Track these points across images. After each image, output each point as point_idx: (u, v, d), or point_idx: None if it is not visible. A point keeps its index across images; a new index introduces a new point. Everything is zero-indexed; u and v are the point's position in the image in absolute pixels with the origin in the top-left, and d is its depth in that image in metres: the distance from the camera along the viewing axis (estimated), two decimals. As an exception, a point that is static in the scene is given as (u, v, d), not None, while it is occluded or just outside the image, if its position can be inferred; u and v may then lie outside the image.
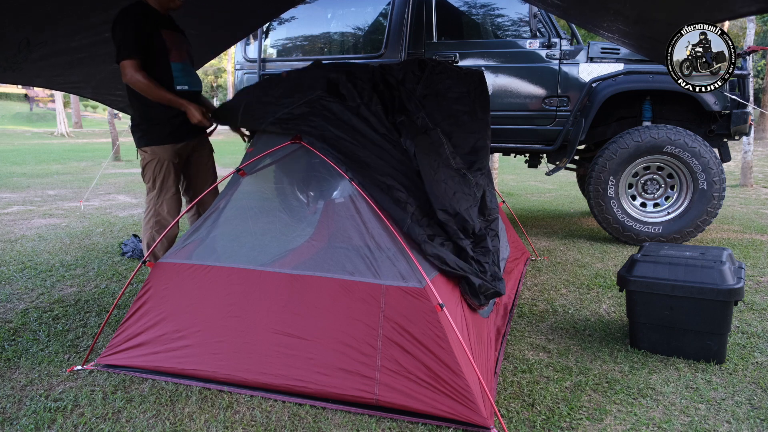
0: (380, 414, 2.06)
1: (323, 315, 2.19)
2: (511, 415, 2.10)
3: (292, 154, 2.56)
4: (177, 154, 3.11)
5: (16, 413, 2.10)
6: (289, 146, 2.52)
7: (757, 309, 3.23)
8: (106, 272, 4.03)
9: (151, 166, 3.08)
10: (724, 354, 2.53)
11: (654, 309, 2.59)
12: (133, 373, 2.37)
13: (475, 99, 2.99)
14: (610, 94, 4.81)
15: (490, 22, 5.31)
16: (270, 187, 2.66)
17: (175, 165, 3.13)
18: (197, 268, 2.41)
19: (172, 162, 3.09)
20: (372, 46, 5.41)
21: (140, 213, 6.64)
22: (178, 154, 3.13)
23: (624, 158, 4.72)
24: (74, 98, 29.41)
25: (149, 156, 3.08)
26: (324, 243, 2.34)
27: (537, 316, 3.17)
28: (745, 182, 8.92)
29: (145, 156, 3.10)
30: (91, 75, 4.03)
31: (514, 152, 5.51)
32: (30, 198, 7.67)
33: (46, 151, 16.59)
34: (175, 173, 3.13)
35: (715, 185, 4.59)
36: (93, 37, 3.39)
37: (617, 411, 2.14)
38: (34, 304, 3.34)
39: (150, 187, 3.13)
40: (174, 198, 3.14)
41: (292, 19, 5.72)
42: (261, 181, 2.64)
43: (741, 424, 2.05)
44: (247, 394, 2.21)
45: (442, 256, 2.27)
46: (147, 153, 3.08)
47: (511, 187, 9.44)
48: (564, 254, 4.62)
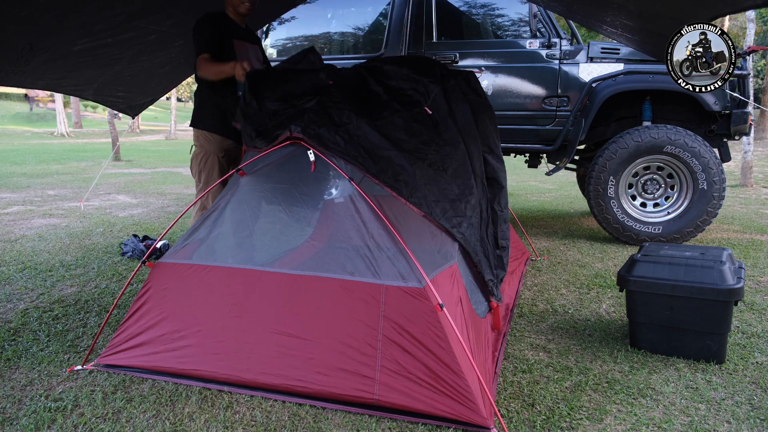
0: (380, 414, 2.06)
1: (323, 315, 2.19)
2: (511, 415, 2.10)
3: (292, 154, 2.56)
4: (223, 149, 3.27)
5: (16, 413, 2.10)
6: (289, 146, 2.52)
7: (757, 309, 3.23)
8: (106, 272, 4.03)
9: (198, 158, 3.26)
10: (724, 354, 2.53)
11: (654, 309, 2.59)
12: (133, 373, 2.37)
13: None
14: (610, 94, 4.80)
15: (490, 22, 5.31)
16: (270, 187, 2.66)
17: (221, 160, 3.28)
18: (197, 268, 2.41)
19: (217, 155, 3.25)
20: (372, 45, 5.41)
21: (140, 213, 6.65)
22: (225, 150, 3.28)
23: (624, 158, 4.72)
24: (74, 98, 29.39)
25: (198, 149, 3.27)
26: (324, 243, 2.34)
27: (537, 316, 3.17)
28: (745, 182, 8.92)
29: (195, 149, 3.31)
30: (92, 78, 4.04)
31: (514, 152, 5.51)
32: (30, 198, 7.67)
33: (46, 151, 16.59)
34: (219, 168, 3.28)
35: (715, 185, 4.59)
36: (95, 42, 3.40)
37: (617, 411, 2.14)
38: (34, 304, 3.34)
39: (197, 180, 3.31)
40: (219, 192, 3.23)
41: (292, 19, 5.73)
42: (261, 181, 2.64)
43: (741, 424, 2.05)
44: (247, 394, 2.21)
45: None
46: (197, 145, 3.28)
47: (511, 187, 9.44)
48: (564, 254, 4.62)
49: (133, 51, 3.76)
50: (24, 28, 2.90)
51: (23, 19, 2.78)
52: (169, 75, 4.55)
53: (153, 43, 3.73)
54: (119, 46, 3.57)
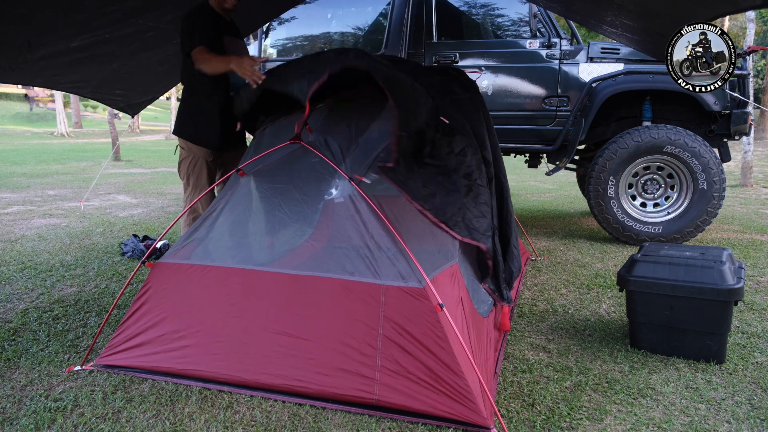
0: (380, 414, 2.06)
1: (323, 315, 2.19)
2: (511, 415, 2.10)
3: (292, 153, 2.56)
4: (211, 153, 3.25)
5: (16, 413, 2.10)
6: (289, 146, 2.52)
7: (757, 309, 3.23)
8: (106, 272, 4.03)
9: (186, 162, 3.23)
10: (724, 354, 2.53)
11: (654, 309, 2.59)
12: (132, 373, 2.36)
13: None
14: (610, 94, 4.80)
15: (490, 22, 5.31)
16: (270, 187, 2.66)
17: (209, 163, 3.26)
18: (197, 268, 2.41)
19: (206, 160, 3.22)
20: (372, 45, 5.41)
21: (140, 213, 6.65)
22: (213, 153, 3.26)
23: (624, 158, 4.72)
24: (74, 98, 29.41)
25: (185, 153, 3.24)
26: (324, 243, 2.34)
27: (537, 316, 3.17)
28: (745, 182, 8.92)
29: (182, 152, 3.26)
30: (91, 75, 4.04)
31: (514, 152, 5.51)
32: (30, 198, 7.67)
33: (46, 151, 16.58)
34: (208, 171, 3.26)
35: (715, 185, 4.59)
36: (94, 38, 3.39)
37: (617, 411, 2.14)
38: (34, 304, 3.34)
39: (185, 183, 3.28)
40: (208, 195, 3.27)
41: (292, 19, 5.72)
42: (261, 181, 2.64)
43: (741, 424, 2.05)
44: (247, 394, 2.21)
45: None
46: (184, 149, 3.24)
47: (512, 187, 9.38)
48: (564, 254, 4.62)
49: (131, 48, 3.75)
50: (23, 26, 2.90)
51: (22, 15, 2.78)
52: (168, 73, 4.54)
53: (151, 39, 3.72)
54: (117, 43, 3.56)
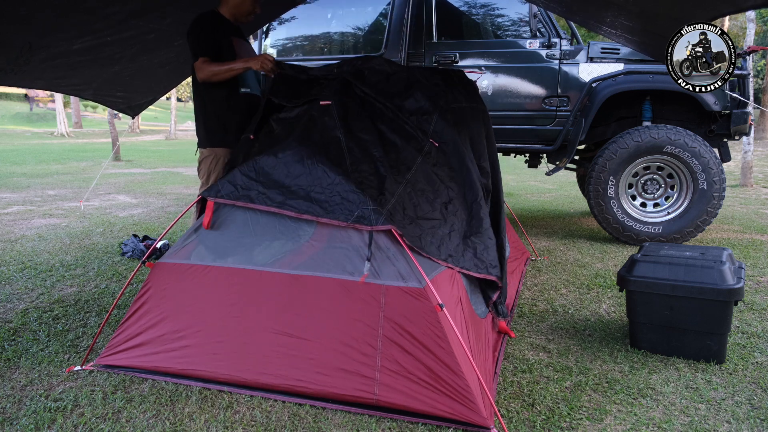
0: (380, 414, 2.06)
1: (323, 315, 2.19)
2: (511, 415, 2.10)
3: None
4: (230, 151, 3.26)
5: (16, 413, 2.10)
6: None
7: (757, 309, 3.23)
8: (106, 272, 4.03)
9: (207, 161, 3.25)
10: (724, 354, 2.53)
11: (654, 309, 2.59)
12: (132, 373, 2.37)
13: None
14: (610, 94, 4.81)
15: (490, 22, 5.31)
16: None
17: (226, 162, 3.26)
18: (197, 268, 2.41)
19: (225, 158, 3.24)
20: (372, 46, 5.41)
21: (140, 213, 6.65)
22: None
23: (624, 158, 4.72)
24: (74, 98, 29.40)
25: (207, 152, 3.26)
26: (324, 243, 2.34)
27: (537, 316, 3.17)
28: (745, 182, 8.92)
29: (202, 152, 3.29)
30: (92, 77, 4.03)
31: (514, 152, 5.51)
32: (30, 198, 7.67)
33: (46, 151, 16.59)
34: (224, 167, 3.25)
35: (715, 185, 4.59)
36: (95, 41, 3.39)
37: (617, 411, 2.14)
38: (34, 304, 3.34)
39: (204, 181, 3.28)
40: None
41: (292, 19, 5.73)
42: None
43: (741, 424, 2.05)
44: (247, 394, 2.21)
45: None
46: (206, 150, 3.27)
47: (511, 187, 9.44)
48: (564, 254, 4.62)
49: (133, 50, 3.75)
50: (23, 27, 2.90)
51: (23, 17, 2.78)
52: (169, 75, 4.54)
53: (152, 41, 3.72)
54: (119, 45, 3.56)
